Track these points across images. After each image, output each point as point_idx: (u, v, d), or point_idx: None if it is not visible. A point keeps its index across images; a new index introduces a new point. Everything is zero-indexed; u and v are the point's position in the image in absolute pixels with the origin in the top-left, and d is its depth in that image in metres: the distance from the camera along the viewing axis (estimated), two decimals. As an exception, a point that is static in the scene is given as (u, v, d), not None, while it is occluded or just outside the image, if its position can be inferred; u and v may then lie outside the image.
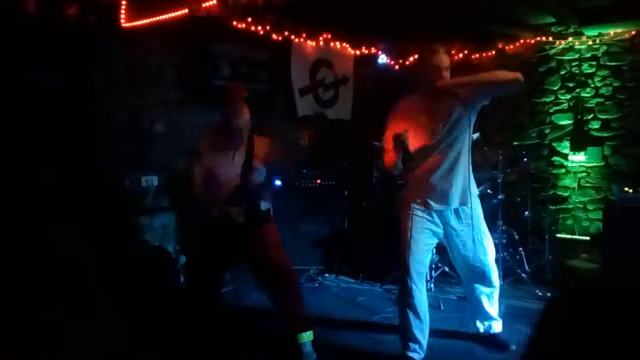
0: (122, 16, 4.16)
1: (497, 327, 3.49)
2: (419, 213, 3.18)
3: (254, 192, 3.21)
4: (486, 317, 3.47)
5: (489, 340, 3.50)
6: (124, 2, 4.14)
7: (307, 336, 3.23)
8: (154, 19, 4.20)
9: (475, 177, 3.31)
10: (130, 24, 4.19)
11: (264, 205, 3.28)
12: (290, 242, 3.37)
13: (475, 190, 3.29)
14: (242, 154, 3.23)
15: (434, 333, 3.60)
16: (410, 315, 3.16)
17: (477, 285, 3.39)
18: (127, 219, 4.37)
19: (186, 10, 4.08)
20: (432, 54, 3.08)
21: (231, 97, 3.21)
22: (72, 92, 4.04)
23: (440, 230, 3.23)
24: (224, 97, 3.23)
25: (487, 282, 3.36)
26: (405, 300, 3.16)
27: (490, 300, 3.43)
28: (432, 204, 3.17)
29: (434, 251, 4.65)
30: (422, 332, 3.20)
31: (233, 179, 3.19)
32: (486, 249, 3.28)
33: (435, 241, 3.29)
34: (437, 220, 3.21)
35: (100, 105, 4.23)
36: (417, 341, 3.18)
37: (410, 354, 3.18)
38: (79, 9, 3.92)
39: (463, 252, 3.27)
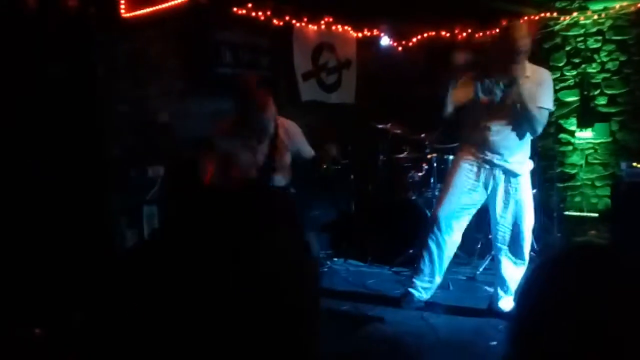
0: (122, 6, 4.15)
1: (510, 304, 3.52)
2: (467, 170, 3.34)
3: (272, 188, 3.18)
4: (505, 289, 3.50)
5: (501, 316, 3.52)
6: (123, -8, 4.12)
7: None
8: (155, 7, 4.18)
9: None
10: (131, 14, 4.18)
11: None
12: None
13: (528, 163, 3.46)
14: (266, 145, 3.19)
15: (442, 312, 3.63)
16: (426, 258, 3.39)
17: (506, 251, 3.46)
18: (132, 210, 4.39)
19: (186, -2, 4.06)
20: (514, 36, 3.14)
21: (250, 90, 3.14)
22: (75, 84, 4.04)
23: (485, 191, 3.36)
24: (241, 90, 3.16)
25: (517, 251, 3.45)
26: (424, 243, 3.42)
27: (515, 272, 3.48)
28: (487, 154, 3.29)
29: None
30: (432, 275, 3.42)
31: (252, 170, 3.16)
32: (525, 218, 3.40)
33: (477, 201, 3.42)
34: (484, 178, 3.33)
35: (103, 97, 4.23)
36: (423, 280, 3.42)
37: (412, 290, 3.47)
38: (79, 0, 3.91)
39: (503, 213, 3.38)
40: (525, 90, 3.14)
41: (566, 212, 5.52)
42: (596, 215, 5.43)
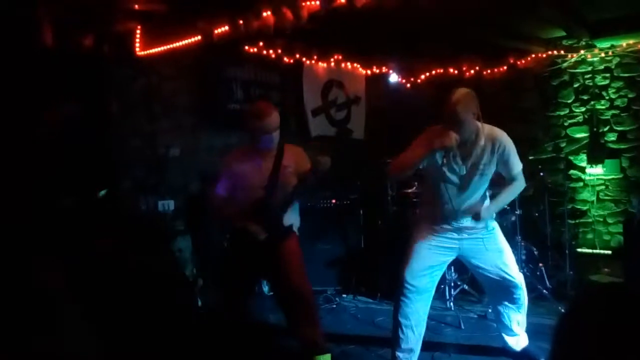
0: (136, 44, 4.25)
1: (521, 343, 3.43)
2: (430, 229, 3.19)
3: (277, 206, 3.17)
4: (510, 332, 3.41)
5: (514, 356, 3.44)
6: (138, 31, 4.23)
7: (324, 359, 3.20)
8: (168, 46, 4.28)
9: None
10: (145, 52, 4.28)
11: (288, 220, 3.24)
12: (306, 262, 3.34)
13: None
14: (271, 163, 3.20)
15: (454, 351, 3.56)
16: (403, 326, 3.16)
17: (502, 301, 3.35)
18: (145, 244, 4.40)
19: (199, 37, 4.15)
20: (449, 105, 2.93)
21: (259, 106, 3.23)
22: (89, 119, 4.12)
23: (455, 246, 3.19)
24: (252, 110, 3.21)
25: (512, 299, 3.30)
26: (398, 311, 3.18)
27: (515, 316, 3.36)
28: (447, 220, 3.16)
29: (452, 269, 4.61)
30: (413, 344, 3.18)
31: (258, 190, 3.17)
32: (509, 264, 3.23)
33: (447, 258, 3.24)
34: (451, 235, 3.18)
35: (116, 132, 4.30)
36: (407, 352, 3.17)
37: None
38: (95, 39, 4.02)
39: (485, 266, 3.23)
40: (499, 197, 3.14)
41: (578, 249, 5.45)
42: (609, 252, 5.35)
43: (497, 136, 3.06)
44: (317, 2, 3.52)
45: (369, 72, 6.40)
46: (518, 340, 3.44)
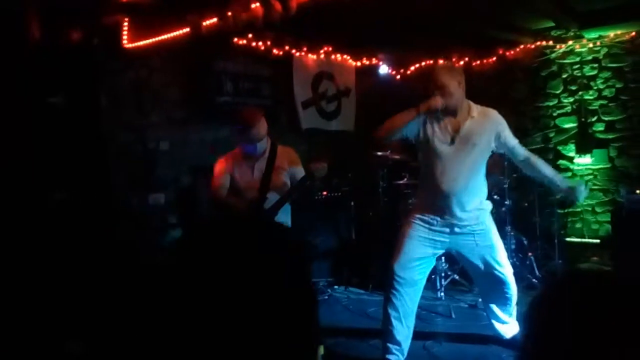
0: (125, 37, 4.22)
1: (511, 331, 3.47)
2: (420, 221, 3.19)
3: (270, 208, 3.20)
4: (500, 320, 3.45)
5: (505, 344, 3.47)
6: (125, 24, 4.19)
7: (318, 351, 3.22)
8: (156, 38, 4.25)
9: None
10: (133, 45, 4.25)
11: (279, 219, 3.27)
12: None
13: (486, 205, 3.29)
14: (263, 165, 3.26)
15: (444, 340, 3.59)
16: (392, 318, 3.16)
17: (489, 293, 3.38)
18: (135, 237, 4.38)
19: (187, 29, 4.12)
20: (432, 72, 3.08)
21: (244, 115, 3.27)
22: (78, 113, 4.09)
23: (445, 240, 3.20)
24: (238, 119, 3.27)
25: (502, 300, 3.33)
26: (388, 303, 3.19)
27: (504, 307, 3.40)
28: (443, 212, 3.16)
29: (442, 259, 4.65)
30: (403, 335, 3.19)
31: (251, 192, 3.22)
32: (501, 261, 3.25)
33: (436, 251, 3.25)
34: (441, 227, 3.18)
35: (105, 125, 4.27)
36: (397, 343, 3.18)
37: (390, 356, 3.19)
38: (82, 32, 3.98)
39: (477, 262, 3.25)
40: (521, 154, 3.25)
41: (567, 239, 5.51)
42: (597, 241, 5.41)
43: (491, 113, 3.18)
44: (306, -7, 3.51)
45: (359, 63, 6.39)
46: (508, 328, 3.47)
